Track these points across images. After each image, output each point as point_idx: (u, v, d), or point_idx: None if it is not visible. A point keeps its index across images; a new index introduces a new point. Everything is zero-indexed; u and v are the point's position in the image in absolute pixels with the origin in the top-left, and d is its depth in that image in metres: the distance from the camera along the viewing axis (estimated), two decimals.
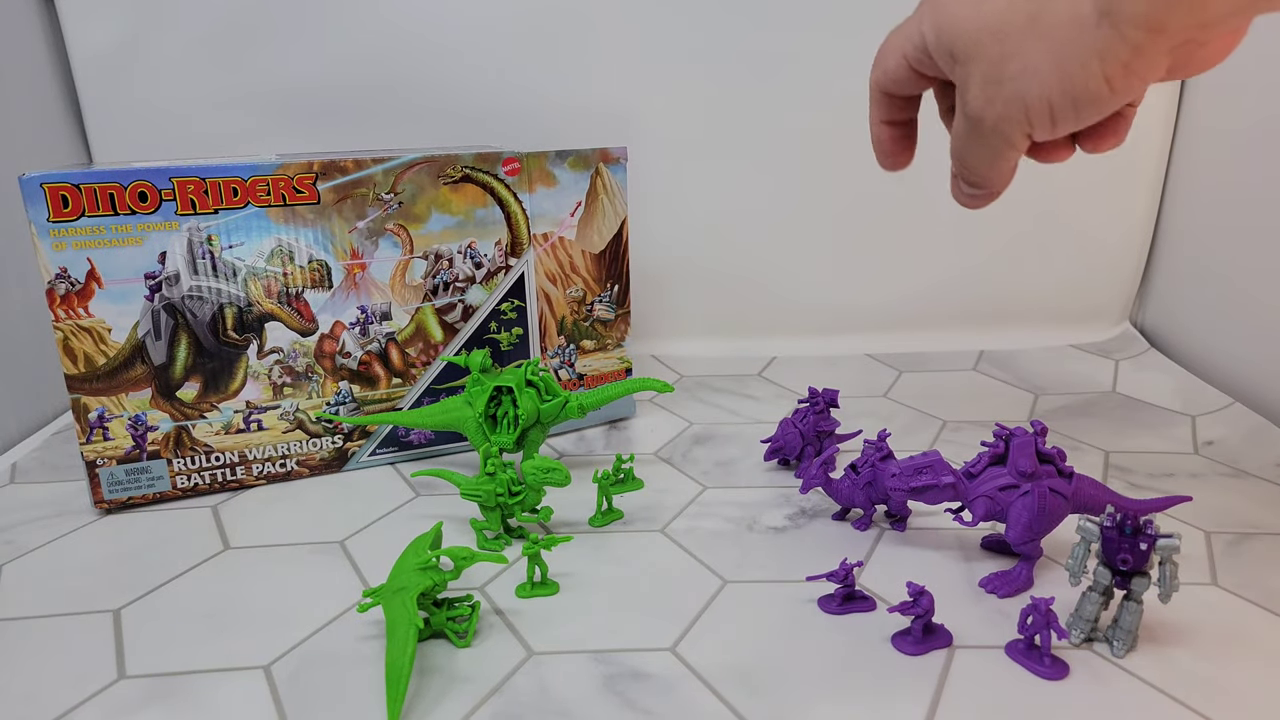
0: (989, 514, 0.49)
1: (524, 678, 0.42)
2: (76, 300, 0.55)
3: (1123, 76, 0.33)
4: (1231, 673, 0.41)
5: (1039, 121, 0.36)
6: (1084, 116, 0.35)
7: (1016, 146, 0.38)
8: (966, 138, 0.39)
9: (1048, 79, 0.34)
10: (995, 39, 0.36)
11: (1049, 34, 0.34)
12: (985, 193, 0.41)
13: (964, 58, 0.37)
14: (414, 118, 0.84)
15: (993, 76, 0.36)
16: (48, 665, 0.43)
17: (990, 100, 0.37)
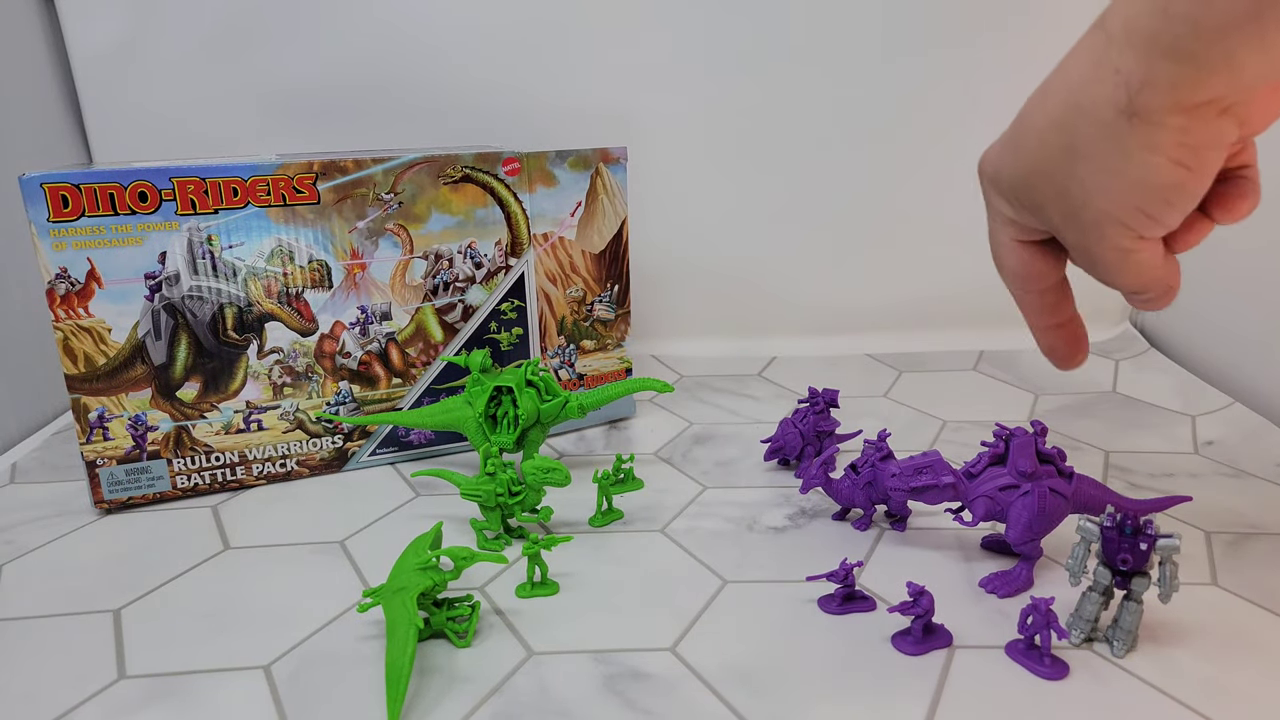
0: (989, 514, 0.49)
1: (524, 678, 0.42)
2: (76, 300, 0.55)
3: (1190, 154, 0.32)
4: (1231, 673, 0.41)
5: (1140, 225, 0.35)
6: (1179, 204, 0.34)
7: (1137, 250, 0.36)
8: (1091, 268, 0.38)
9: (1120, 191, 0.33)
10: (1046, 179, 0.35)
11: (1091, 154, 0.33)
12: (1151, 293, 0.39)
13: (1035, 206, 0.37)
14: (414, 118, 0.84)
15: (1067, 211, 0.35)
16: (48, 665, 0.43)
17: (1081, 230, 0.36)
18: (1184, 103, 0.31)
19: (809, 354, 0.89)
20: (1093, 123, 0.33)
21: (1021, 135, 0.36)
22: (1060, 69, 0.35)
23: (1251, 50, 0.29)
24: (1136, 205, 0.34)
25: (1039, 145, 0.35)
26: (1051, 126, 0.34)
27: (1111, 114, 0.32)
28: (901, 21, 0.82)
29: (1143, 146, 0.32)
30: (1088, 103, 0.33)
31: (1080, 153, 0.33)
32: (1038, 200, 0.36)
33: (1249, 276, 0.78)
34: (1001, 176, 0.38)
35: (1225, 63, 0.29)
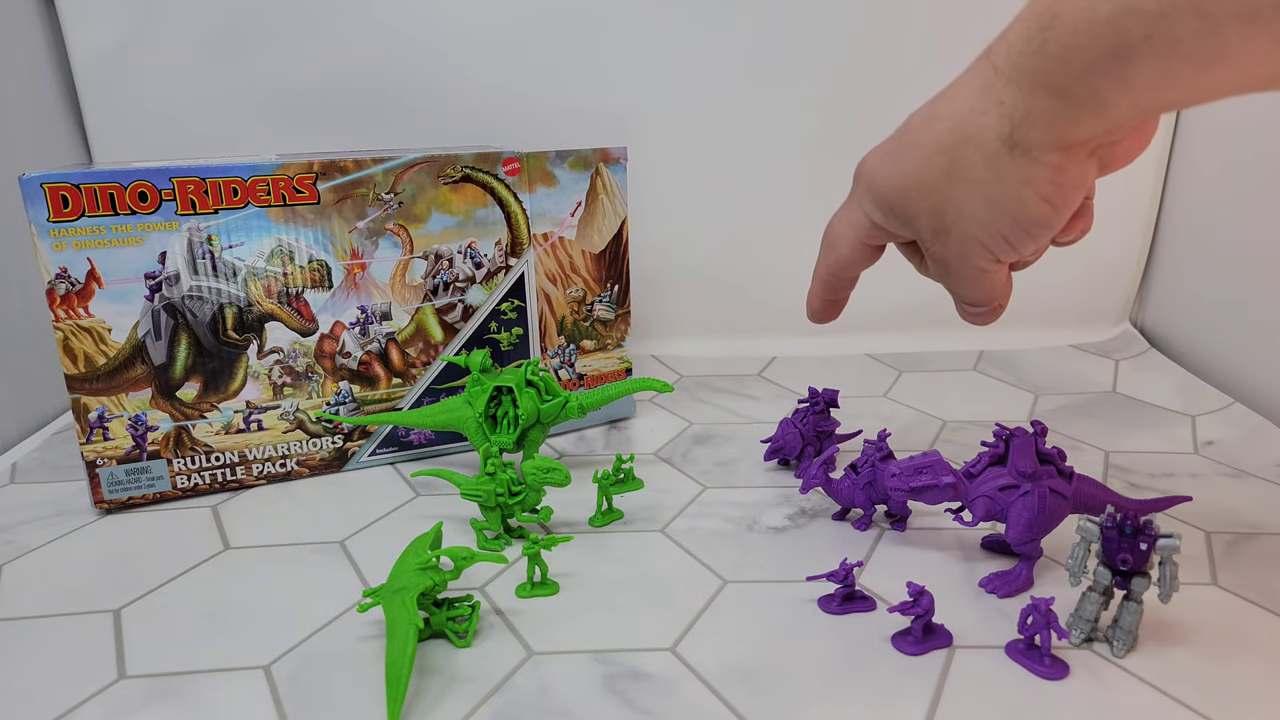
0: (989, 514, 0.49)
1: (524, 678, 0.42)
2: (76, 300, 0.55)
3: (1058, 193, 0.34)
4: (1232, 673, 0.41)
5: (1000, 251, 0.37)
6: (1038, 237, 0.36)
7: (991, 270, 0.39)
8: (944, 279, 0.41)
9: (990, 217, 0.35)
10: (922, 195, 0.37)
11: (969, 177, 0.35)
12: (988, 309, 0.42)
13: (906, 217, 0.39)
14: (414, 118, 0.84)
15: (938, 227, 0.38)
16: (47, 665, 0.43)
17: (946, 246, 0.38)
18: (1060, 140, 0.33)
19: (809, 354, 0.89)
20: (976, 150, 0.34)
21: (906, 151, 0.38)
22: (950, 94, 0.36)
23: (1116, 91, 0.30)
24: (1002, 234, 0.36)
25: (923, 164, 0.37)
26: (937, 148, 0.36)
27: (995, 144, 0.34)
28: (902, 23, 0.82)
29: (1019, 180, 0.34)
30: (974, 130, 0.34)
31: (960, 177, 0.35)
32: (911, 213, 0.38)
33: (1249, 277, 0.78)
34: (880, 184, 0.39)
35: (1094, 102, 0.31)
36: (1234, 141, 0.81)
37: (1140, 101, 0.31)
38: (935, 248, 0.39)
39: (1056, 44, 0.31)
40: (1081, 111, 0.32)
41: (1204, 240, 0.86)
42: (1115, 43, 0.29)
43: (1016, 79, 0.33)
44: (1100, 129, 0.32)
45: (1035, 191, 0.34)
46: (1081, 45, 0.30)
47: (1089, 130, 0.32)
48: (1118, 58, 0.29)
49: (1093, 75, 0.30)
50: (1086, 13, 0.29)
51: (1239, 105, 0.79)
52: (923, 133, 0.37)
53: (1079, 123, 0.32)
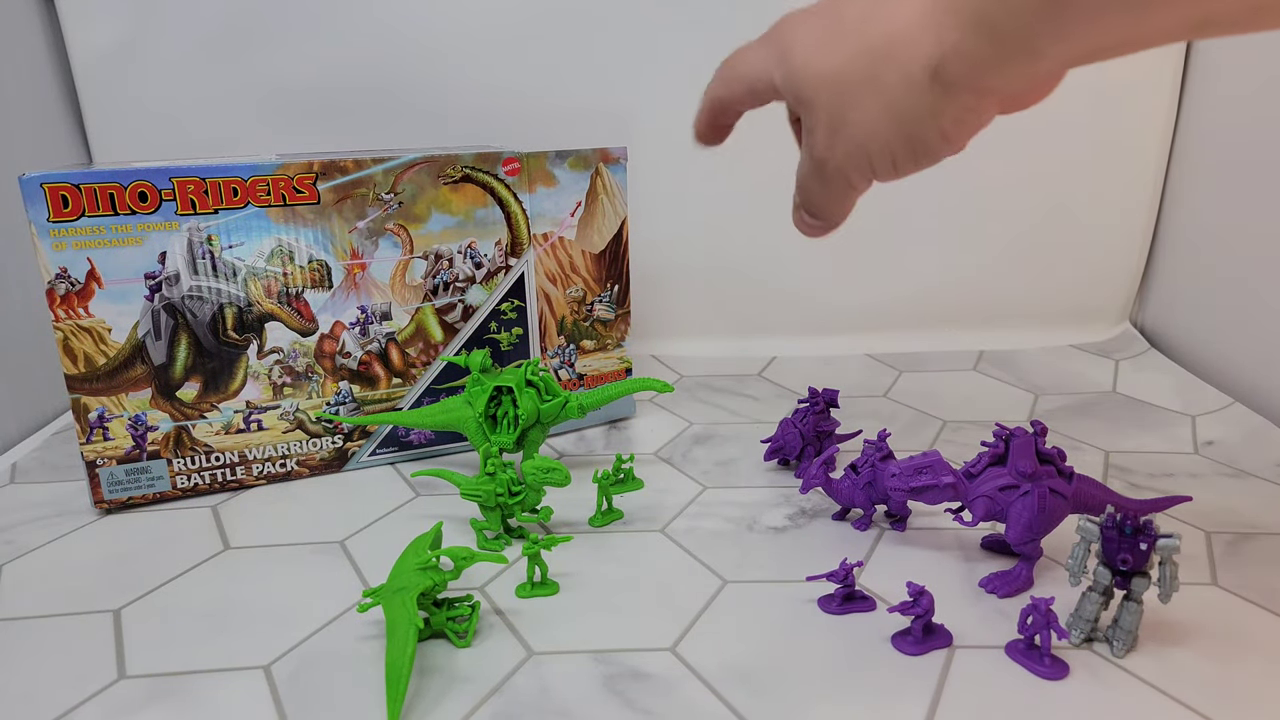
0: (989, 514, 0.49)
1: (524, 678, 0.42)
2: (76, 300, 0.55)
3: (956, 130, 0.35)
4: (1232, 673, 0.41)
5: (881, 168, 0.37)
6: (923, 163, 0.37)
7: (858, 188, 0.39)
8: (811, 176, 0.40)
9: (887, 132, 0.35)
10: (836, 90, 0.37)
11: (885, 91, 0.35)
12: (824, 224, 0.42)
13: (808, 104, 0.38)
14: (414, 118, 0.84)
15: (835, 125, 0.37)
16: (48, 665, 0.43)
17: (833, 146, 0.38)
18: (981, 84, 0.33)
19: (809, 354, 0.89)
20: (900, 67, 0.34)
21: (835, 40, 0.37)
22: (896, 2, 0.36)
23: (1051, 38, 0.30)
24: (892, 152, 0.36)
25: (846, 61, 0.36)
26: (866, 50, 0.36)
27: (919, 70, 0.34)
28: None
29: (929, 109, 0.34)
30: (905, 48, 0.34)
31: (876, 86, 0.35)
32: (816, 101, 0.38)
33: (1249, 277, 0.78)
34: (796, 60, 0.39)
35: (1026, 51, 0.31)
36: (1234, 141, 0.81)
37: (1071, 51, 0.31)
38: (821, 143, 0.38)
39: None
40: (1012, 60, 0.32)
41: (1204, 240, 0.86)
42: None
43: (958, 10, 0.33)
44: (1023, 79, 0.33)
45: (939, 124, 0.35)
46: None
47: (1012, 79, 0.33)
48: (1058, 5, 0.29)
49: (1032, 22, 0.30)
50: None
51: (1239, 105, 0.79)
52: (856, 28, 0.37)
53: (1005, 70, 0.32)
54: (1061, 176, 0.89)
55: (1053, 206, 0.89)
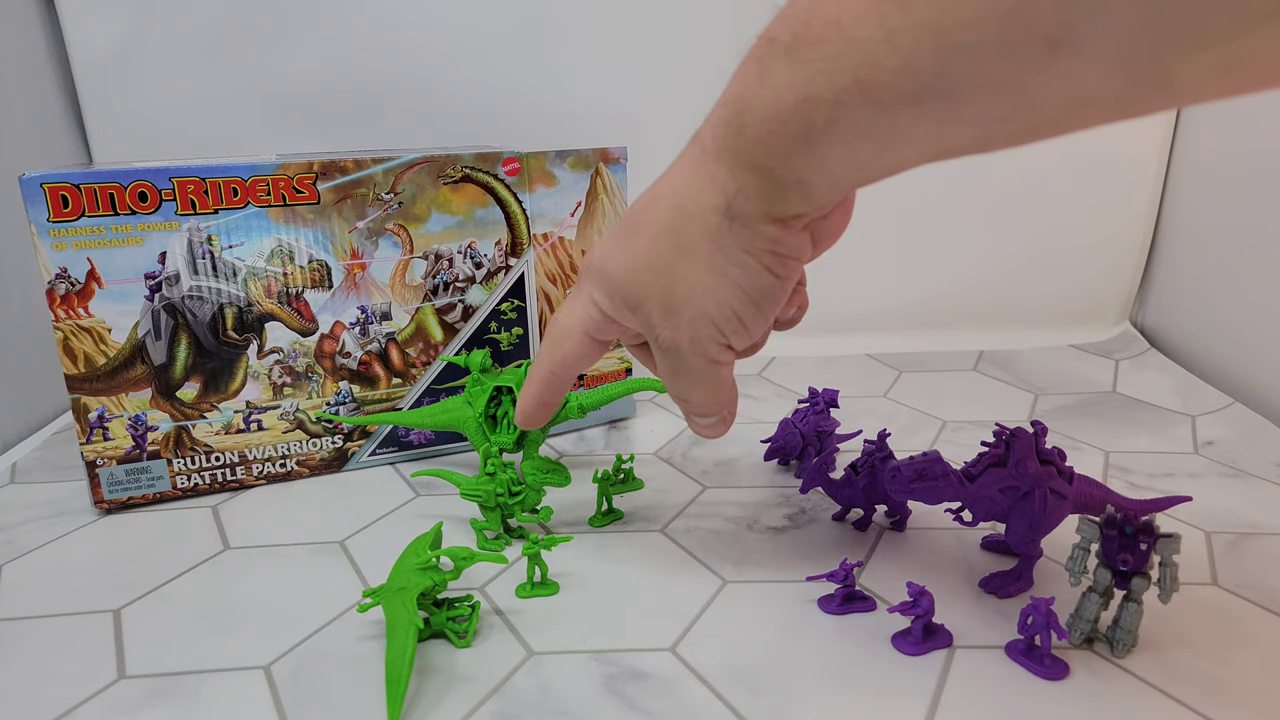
0: (989, 514, 0.49)
1: (524, 678, 0.42)
2: (76, 300, 0.55)
3: (779, 263, 0.35)
4: (1232, 673, 0.41)
5: (731, 329, 0.37)
6: (767, 310, 0.37)
7: (722, 360, 0.39)
8: (674, 373, 0.40)
9: (719, 289, 0.36)
10: (654, 273, 0.37)
11: (696, 252, 0.35)
12: (719, 418, 0.42)
13: (637, 302, 0.38)
14: (414, 117, 0.84)
15: (669, 306, 0.37)
16: (48, 665, 0.43)
17: (676, 328, 0.37)
18: (773, 214, 0.33)
19: (809, 354, 0.89)
20: (697, 223, 0.35)
21: (633, 235, 0.38)
22: (666, 176, 0.37)
23: (814, 171, 0.31)
24: (733, 308, 0.36)
25: (650, 244, 0.37)
26: (662, 228, 0.36)
27: (714, 217, 0.34)
28: None
29: (741, 249, 0.35)
30: (692, 205, 0.35)
31: (686, 251, 0.35)
32: (641, 296, 0.38)
33: (1249, 276, 0.78)
34: (610, 270, 0.39)
35: (797, 182, 0.32)
36: (1235, 140, 0.81)
37: (839, 181, 0.32)
38: (666, 333, 0.38)
39: (753, 129, 0.32)
40: (788, 190, 0.32)
41: (1204, 240, 0.86)
42: (804, 128, 0.30)
43: (724, 158, 0.33)
44: (808, 206, 0.33)
45: (758, 261, 0.35)
46: (775, 130, 0.31)
47: (798, 207, 0.33)
48: (809, 141, 0.30)
49: (790, 158, 0.31)
50: (773, 102, 0.30)
51: (1240, 105, 0.79)
52: (646, 215, 0.37)
53: (787, 200, 0.33)
54: (1061, 176, 0.89)
55: (1052, 206, 0.89)
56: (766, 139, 0.31)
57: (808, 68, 0.29)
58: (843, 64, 0.28)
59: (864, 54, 0.27)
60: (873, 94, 0.27)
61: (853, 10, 0.27)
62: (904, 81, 0.27)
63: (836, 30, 0.28)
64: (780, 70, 0.30)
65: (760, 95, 0.31)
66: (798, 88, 0.29)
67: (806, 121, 0.30)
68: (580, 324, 0.42)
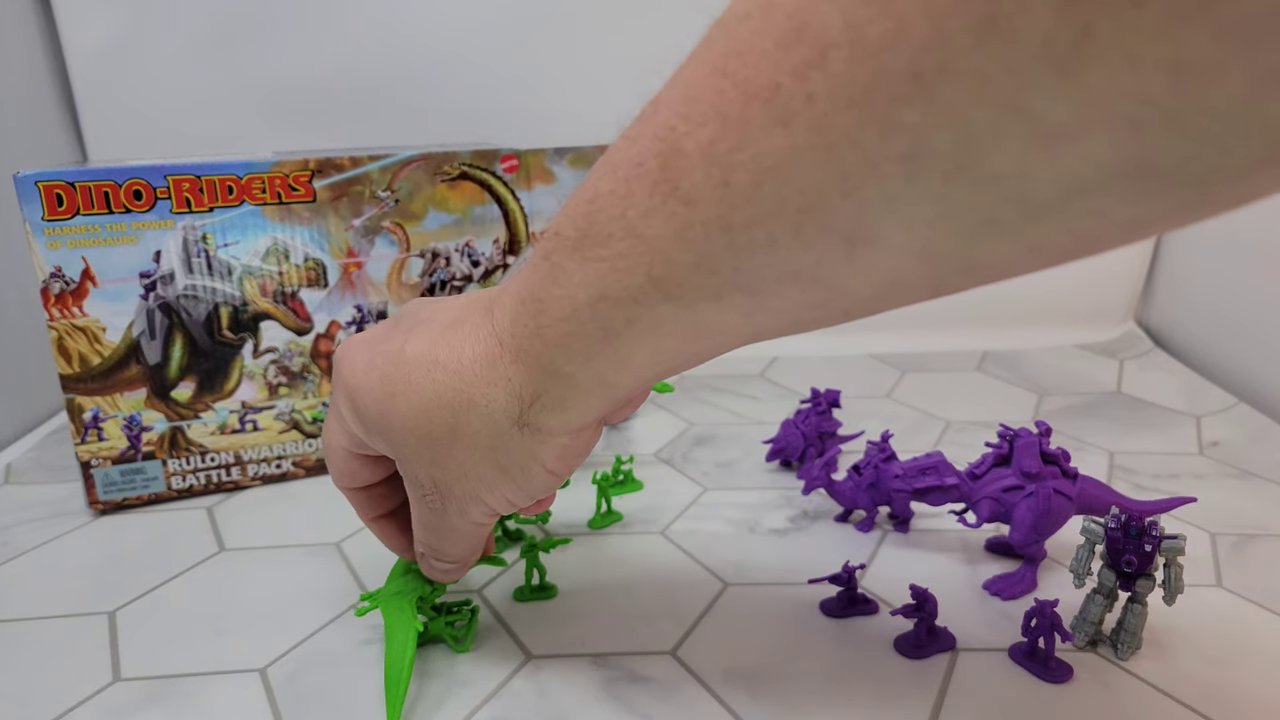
0: (993, 515, 0.48)
1: (522, 681, 0.41)
2: (71, 299, 0.54)
3: (564, 465, 0.34)
4: (1237, 675, 0.41)
5: (499, 505, 0.36)
6: (538, 495, 0.36)
7: (482, 526, 0.38)
8: (429, 527, 0.38)
9: (497, 481, 0.34)
10: (424, 444, 0.34)
11: (475, 444, 0.33)
12: (458, 565, 0.41)
13: (402, 458, 0.36)
14: (411, 114, 0.83)
15: (437, 481, 0.35)
16: (42, 667, 0.43)
17: (446, 496, 0.35)
18: (571, 425, 0.32)
19: (811, 354, 0.89)
20: (483, 420, 0.32)
21: (399, 388, 0.34)
22: (453, 344, 0.33)
23: (618, 371, 0.30)
24: (507, 498, 0.35)
25: (421, 413, 0.33)
26: (439, 404, 0.33)
27: (504, 420, 0.32)
28: None
29: (527, 454, 0.33)
30: (481, 401, 0.32)
31: (465, 441, 0.33)
32: (406, 454, 0.35)
33: (1255, 276, 0.78)
34: (364, 408, 0.35)
35: (600, 385, 0.30)
36: None
37: (645, 376, 0.30)
38: (431, 500, 0.36)
39: (551, 330, 0.29)
40: (590, 395, 0.31)
41: (1209, 239, 0.86)
42: (602, 328, 0.28)
43: (522, 360, 0.31)
44: (610, 404, 0.32)
45: (542, 465, 0.33)
46: (573, 331, 0.29)
47: (599, 409, 0.32)
48: (609, 343, 0.28)
49: (592, 360, 0.29)
50: (567, 301, 0.28)
51: None
52: (420, 377, 0.33)
53: (589, 405, 0.31)
54: None
55: None
56: (565, 341, 0.29)
57: (599, 265, 0.27)
58: (634, 261, 0.26)
59: (655, 250, 0.25)
60: (671, 291, 0.26)
61: (637, 206, 0.25)
62: (701, 279, 0.25)
63: (623, 226, 0.26)
64: (571, 268, 0.28)
65: (554, 294, 0.29)
66: (590, 286, 0.27)
67: (604, 321, 0.28)
68: (339, 442, 0.38)
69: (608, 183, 0.26)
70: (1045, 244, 0.22)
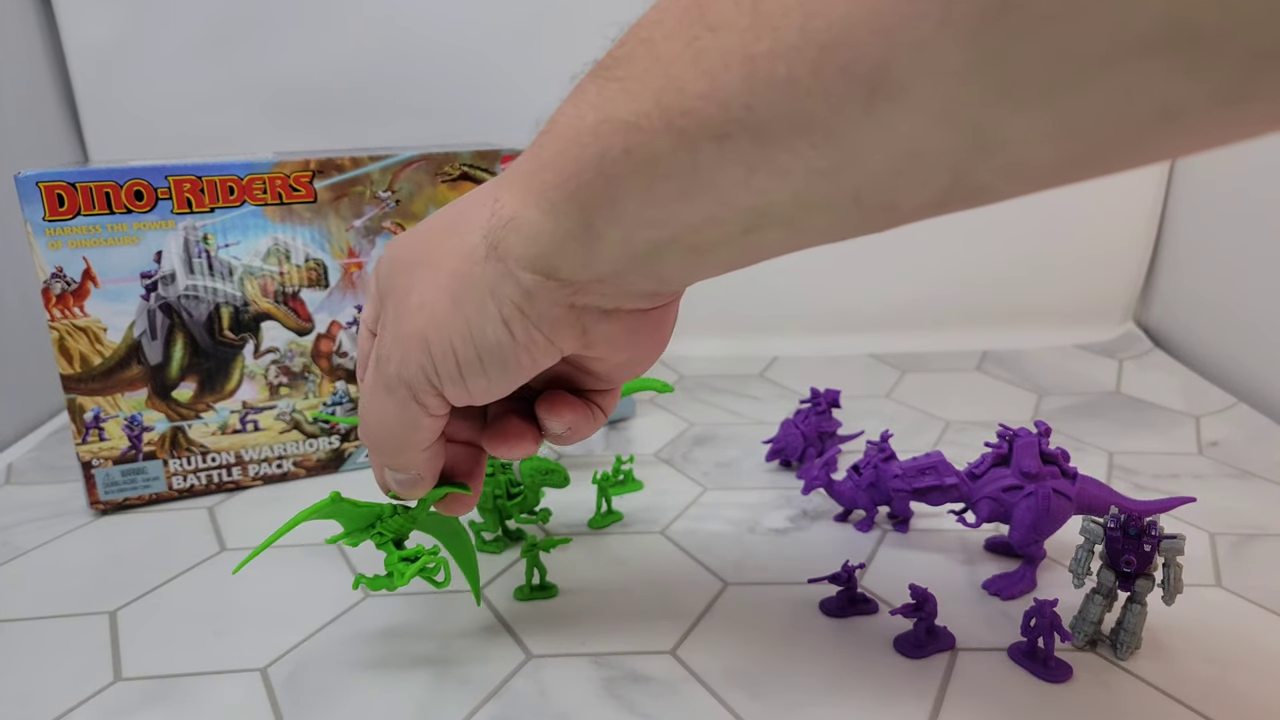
0: (992, 515, 0.48)
1: (522, 681, 0.41)
2: (72, 300, 0.54)
3: (521, 323, 0.30)
4: (1236, 675, 0.41)
5: (444, 369, 0.32)
6: (491, 372, 0.32)
7: (426, 405, 0.33)
8: (371, 391, 0.34)
9: (448, 318, 0.31)
10: (403, 270, 0.33)
11: (442, 265, 0.31)
12: (408, 477, 0.36)
13: (384, 295, 0.34)
14: (412, 115, 0.83)
15: (399, 313, 0.33)
16: (44, 667, 0.43)
17: (396, 339, 0.32)
18: (537, 262, 0.29)
19: (811, 354, 0.89)
20: (458, 239, 0.31)
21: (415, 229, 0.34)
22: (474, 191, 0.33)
23: (605, 217, 0.27)
24: (452, 345, 0.31)
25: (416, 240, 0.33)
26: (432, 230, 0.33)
27: (475, 237, 0.30)
28: None
29: (485, 286, 0.30)
30: (463, 221, 0.31)
31: (437, 263, 0.31)
32: (386, 290, 0.34)
33: (1254, 275, 0.78)
34: (378, 268, 0.35)
35: (582, 228, 0.28)
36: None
37: (631, 239, 0.28)
38: (385, 343, 0.33)
39: (550, 150, 0.28)
40: (568, 237, 0.28)
41: (1209, 238, 0.86)
42: (599, 154, 0.26)
43: (514, 181, 0.30)
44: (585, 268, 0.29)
45: (497, 308, 0.30)
46: (570, 154, 0.27)
47: (572, 264, 0.29)
48: (603, 173, 0.27)
49: (581, 191, 0.27)
50: (575, 120, 0.27)
51: None
52: (437, 214, 0.34)
53: (563, 250, 0.29)
54: None
55: (1056, 205, 0.89)
56: (558, 162, 0.28)
57: (612, 86, 0.26)
58: (647, 83, 0.25)
59: (669, 74, 0.24)
60: (675, 121, 0.25)
61: (663, 28, 0.25)
62: (709, 110, 0.24)
63: (646, 48, 0.25)
64: (588, 90, 0.27)
65: (565, 113, 0.28)
66: (599, 108, 0.27)
67: (603, 146, 0.26)
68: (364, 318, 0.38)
69: (651, 13, 0.26)
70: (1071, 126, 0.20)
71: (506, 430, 0.37)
